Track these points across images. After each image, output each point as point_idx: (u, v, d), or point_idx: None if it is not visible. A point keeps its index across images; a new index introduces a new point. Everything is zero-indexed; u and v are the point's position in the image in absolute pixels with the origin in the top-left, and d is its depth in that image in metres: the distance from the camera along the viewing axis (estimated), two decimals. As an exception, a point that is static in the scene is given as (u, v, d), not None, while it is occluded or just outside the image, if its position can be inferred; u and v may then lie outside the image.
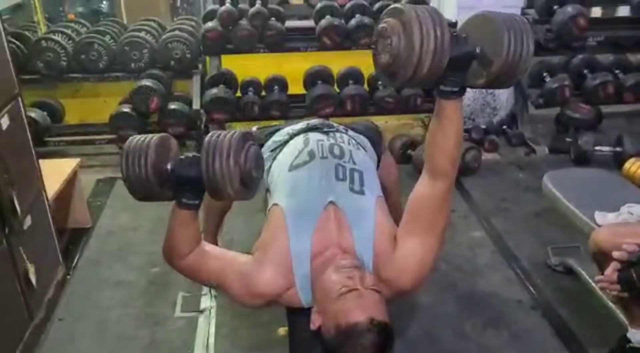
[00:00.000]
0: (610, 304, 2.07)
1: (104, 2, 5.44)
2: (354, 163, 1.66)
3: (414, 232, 1.49)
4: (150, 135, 1.47)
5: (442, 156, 1.45)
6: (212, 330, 2.11)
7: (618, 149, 3.28)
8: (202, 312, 2.21)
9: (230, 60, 3.55)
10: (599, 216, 1.96)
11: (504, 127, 3.79)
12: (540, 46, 3.61)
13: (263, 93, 3.43)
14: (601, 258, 1.68)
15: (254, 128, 2.09)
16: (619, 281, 1.51)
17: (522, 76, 1.38)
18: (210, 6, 3.57)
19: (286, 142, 1.84)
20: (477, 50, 1.33)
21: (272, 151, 1.86)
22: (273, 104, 3.33)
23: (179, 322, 2.16)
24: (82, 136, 3.51)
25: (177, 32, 3.49)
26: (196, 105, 3.44)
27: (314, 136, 1.77)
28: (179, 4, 5.73)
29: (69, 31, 3.57)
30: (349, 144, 1.76)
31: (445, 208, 1.51)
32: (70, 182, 2.58)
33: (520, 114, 3.78)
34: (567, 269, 2.36)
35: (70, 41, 3.48)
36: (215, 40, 3.28)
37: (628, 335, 1.82)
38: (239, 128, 1.48)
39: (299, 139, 1.79)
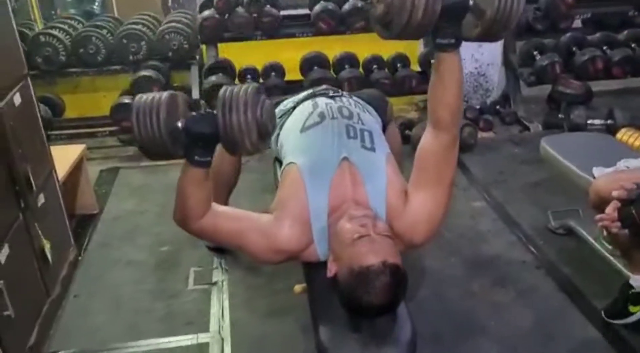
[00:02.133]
0: (611, 258, 2.14)
1: (96, 4, 5.47)
2: (363, 124, 1.72)
3: (423, 185, 1.54)
4: (159, 93, 1.48)
5: (443, 108, 1.51)
6: (226, 300, 2.15)
7: (609, 121, 3.37)
8: (214, 284, 2.25)
9: (227, 49, 3.61)
10: (597, 171, 2.02)
11: (497, 107, 3.87)
12: (530, 28, 3.72)
13: (261, 80, 3.49)
14: (602, 205, 1.73)
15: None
16: (619, 218, 1.58)
17: (512, 28, 1.42)
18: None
19: (292, 110, 1.89)
20: (471, 2, 1.38)
21: (279, 117, 1.90)
22: (272, 89, 3.38)
23: (193, 294, 2.20)
24: (84, 129, 3.54)
25: (173, 23, 3.55)
26: (195, 95, 3.49)
27: (321, 100, 1.83)
28: (170, 3, 5.76)
29: (65, 27, 3.61)
30: (355, 107, 1.82)
31: (451, 160, 1.56)
32: (77, 167, 2.62)
33: (512, 93, 3.86)
34: (567, 231, 2.43)
35: (68, 36, 3.52)
36: (212, 28, 3.35)
37: (630, 281, 1.89)
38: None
39: (307, 104, 1.84)
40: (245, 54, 3.61)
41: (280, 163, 2.04)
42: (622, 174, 1.78)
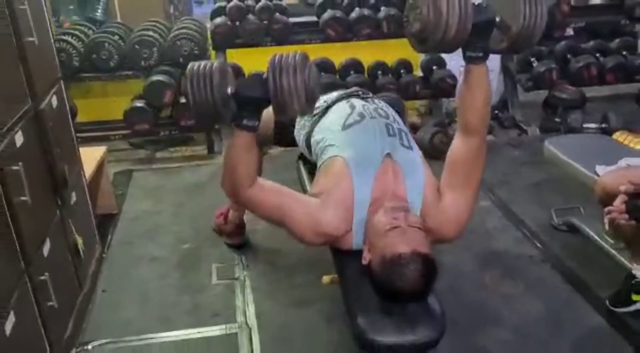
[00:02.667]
0: (613, 252, 2.28)
1: (99, 11, 5.55)
2: (398, 124, 1.84)
3: (453, 186, 1.67)
4: (210, 61, 1.59)
5: (472, 114, 1.65)
6: (250, 294, 2.25)
7: (604, 125, 3.54)
8: (236, 279, 2.34)
9: (235, 55, 3.72)
10: (600, 169, 2.16)
11: (496, 112, 4.01)
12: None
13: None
14: (608, 200, 1.86)
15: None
16: (627, 210, 1.71)
17: (537, 39, 1.57)
18: (219, 3, 3.73)
19: (325, 110, 1.98)
20: (497, 18, 1.53)
21: (312, 116, 1.98)
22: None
23: (217, 288, 2.29)
24: (96, 132, 3.62)
25: (184, 30, 3.64)
26: (206, 99, 3.58)
27: (356, 101, 1.93)
28: (172, 10, 5.87)
29: (77, 33, 3.69)
30: (387, 108, 1.93)
31: (480, 162, 1.69)
32: (99, 169, 2.70)
33: (510, 99, 4.01)
34: (570, 227, 2.57)
35: (80, 43, 3.61)
36: (224, 34, 3.45)
37: (633, 271, 2.02)
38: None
39: (343, 104, 1.93)
40: (254, 60, 3.70)
41: (304, 159, 2.16)
42: (627, 171, 1.91)
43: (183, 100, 3.52)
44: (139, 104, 3.48)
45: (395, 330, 1.48)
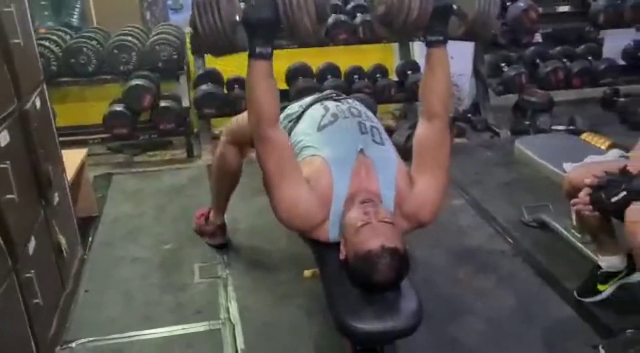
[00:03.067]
0: (580, 245, 2.40)
1: (75, 16, 5.53)
2: (371, 121, 1.91)
3: (423, 169, 1.75)
4: None
5: (434, 97, 1.74)
6: (232, 291, 2.29)
7: (571, 127, 3.69)
8: (219, 277, 2.38)
9: (214, 60, 3.75)
10: (567, 166, 2.27)
11: (469, 115, 4.14)
12: (495, 42, 4.03)
13: (248, 90, 3.65)
14: (574, 194, 1.96)
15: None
16: (591, 202, 1.81)
17: (494, 30, 1.72)
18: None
19: (301, 114, 2.04)
20: (454, 6, 1.64)
21: (289, 122, 2.06)
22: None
23: (200, 286, 2.33)
24: (74, 136, 3.61)
25: (163, 35, 3.68)
26: (185, 103, 3.64)
27: (330, 103, 2.00)
28: (148, 16, 5.88)
29: (55, 38, 3.70)
30: (360, 106, 2.01)
31: (445, 144, 1.77)
32: (80, 171, 2.72)
33: (482, 102, 4.14)
34: (539, 224, 2.68)
35: (58, 47, 3.62)
36: (203, 39, 3.49)
37: (599, 262, 2.13)
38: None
39: (317, 107, 2.00)
40: (233, 65, 3.76)
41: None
42: (591, 166, 2.02)
43: (163, 104, 3.55)
44: (118, 108, 3.51)
45: (374, 317, 1.55)
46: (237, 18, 1.53)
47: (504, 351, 1.97)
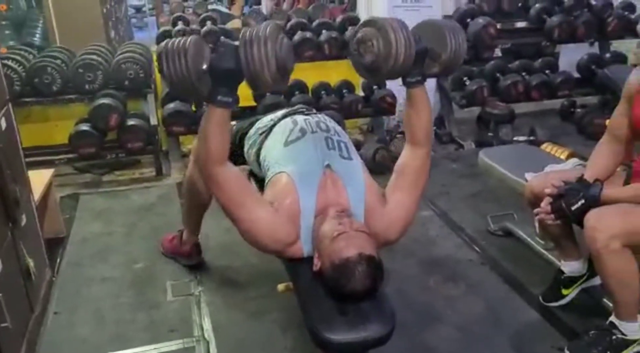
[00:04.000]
0: (544, 252, 2.48)
1: (37, 36, 5.47)
2: (339, 135, 1.96)
3: (400, 188, 1.81)
4: (185, 37, 1.59)
5: (418, 130, 1.83)
6: (206, 308, 2.28)
7: (532, 138, 3.82)
8: (192, 295, 2.38)
9: (182, 78, 3.76)
10: (529, 176, 2.35)
11: (434, 128, 4.23)
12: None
13: (216, 107, 3.67)
14: (536, 202, 2.04)
15: (232, 123, 2.31)
16: (552, 211, 1.89)
17: (461, 63, 1.85)
18: (163, 27, 3.79)
19: (271, 127, 2.09)
20: (429, 47, 1.74)
21: (260, 134, 2.09)
22: (227, 115, 3.57)
23: (173, 305, 2.32)
24: (39, 157, 3.56)
25: (129, 53, 3.68)
26: (153, 121, 3.62)
27: (299, 117, 2.04)
28: (112, 35, 5.86)
29: (18, 57, 3.65)
30: (329, 121, 2.05)
31: (425, 171, 1.86)
32: (46, 192, 2.68)
33: (447, 115, 4.25)
34: (505, 232, 2.76)
35: (22, 67, 3.57)
36: (171, 57, 3.50)
37: (562, 268, 2.21)
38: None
39: (287, 121, 2.04)
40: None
41: (255, 176, 2.24)
42: (551, 175, 2.10)
43: (130, 122, 3.54)
44: (85, 127, 3.47)
45: (348, 327, 1.57)
46: (204, 67, 1.59)
47: (474, 356, 2.03)
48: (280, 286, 1.94)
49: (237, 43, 1.58)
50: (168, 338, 2.11)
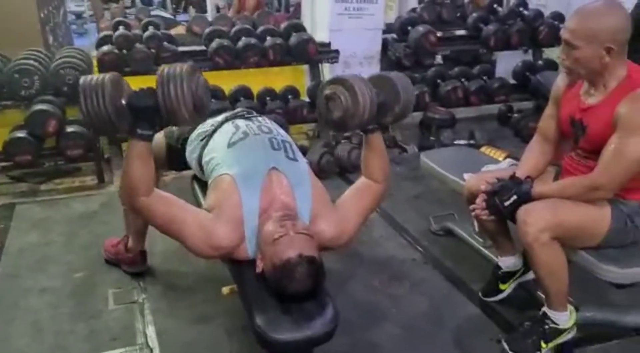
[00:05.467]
0: (483, 249, 2.57)
1: (-32, 42, 5.23)
2: (282, 136, 1.98)
3: (349, 207, 1.90)
4: (103, 74, 1.64)
5: (376, 170, 1.97)
6: (149, 315, 2.24)
7: (472, 141, 3.96)
8: (135, 302, 2.33)
9: (124, 84, 3.70)
10: (466, 176, 2.44)
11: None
12: (400, 64, 4.26)
13: (160, 113, 3.62)
14: (474, 200, 2.11)
15: (173, 128, 2.29)
16: (487, 207, 1.97)
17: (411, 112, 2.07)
18: (104, 32, 3.71)
19: (213, 132, 2.08)
20: (385, 100, 1.90)
21: (201, 140, 2.09)
22: (171, 121, 3.53)
23: (115, 313, 2.26)
24: (-28, 166, 3.42)
25: (67, 58, 3.57)
26: (94, 127, 3.52)
27: (240, 121, 2.05)
28: (51, 41, 5.67)
29: (-53, 63, 3.49)
30: (271, 124, 2.07)
31: (378, 202, 2.00)
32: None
33: (390, 121, 4.34)
34: (446, 232, 2.85)
35: (-49, 73, 3.41)
36: (112, 63, 3.43)
37: (499, 264, 2.30)
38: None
39: (228, 125, 2.05)
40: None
41: (199, 180, 2.23)
42: (486, 174, 2.19)
43: (69, 129, 3.44)
44: (20, 134, 3.34)
45: (292, 327, 1.59)
46: (123, 101, 1.63)
47: (418, 352, 2.08)
48: (225, 289, 1.94)
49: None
50: (110, 347, 2.06)
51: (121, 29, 3.51)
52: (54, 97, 3.50)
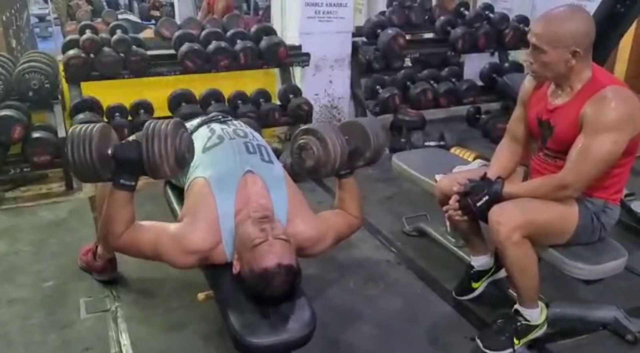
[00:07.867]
0: (455, 249, 2.62)
1: None
2: (257, 140, 1.98)
3: (327, 226, 1.92)
4: (92, 124, 1.69)
5: (352, 209, 2.04)
6: (123, 323, 2.21)
7: (442, 142, 4.02)
8: (108, 311, 2.29)
9: (92, 88, 3.64)
10: (438, 177, 2.48)
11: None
12: (370, 67, 4.31)
13: (129, 118, 3.57)
14: (446, 201, 2.15)
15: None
16: (460, 208, 2.01)
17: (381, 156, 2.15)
18: (70, 36, 3.64)
19: None
20: (356, 147, 1.97)
21: None
22: (141, 126, 3.48)
23: (88, 322, 2.22)
24: None
25: (32, 63, 3.49)
26: (61, 133, 3.45)
27: (215, 125, 2.05)
28: (14, 44, 5.54)
29: None
30: (246, 127, 2.07)
31: (353, 230, 2.07)
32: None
33: (361, 123, 4.37)
34: (419, 232, 2.89)
35: None
36: (79, 67, 3.38)
37: (472, 262, 2.34)
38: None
39: (203, 130, 2.04)
40: (112, 93, 3.66)
41: (172, 185, 2.22)
42: (457, 175, 2.23)
43: (35, 135, 3.36)
44: (-17, 141, 3.26)
45: (269, 331, 1.60)
46: (109, 151, 1.69)
47: (394, 350, 2.10)
48: (200, 296, 1.92)
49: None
50: (83, 358, 2.03)
51: (88, 33, 3.45)
52: (19, 102, 3.43)
